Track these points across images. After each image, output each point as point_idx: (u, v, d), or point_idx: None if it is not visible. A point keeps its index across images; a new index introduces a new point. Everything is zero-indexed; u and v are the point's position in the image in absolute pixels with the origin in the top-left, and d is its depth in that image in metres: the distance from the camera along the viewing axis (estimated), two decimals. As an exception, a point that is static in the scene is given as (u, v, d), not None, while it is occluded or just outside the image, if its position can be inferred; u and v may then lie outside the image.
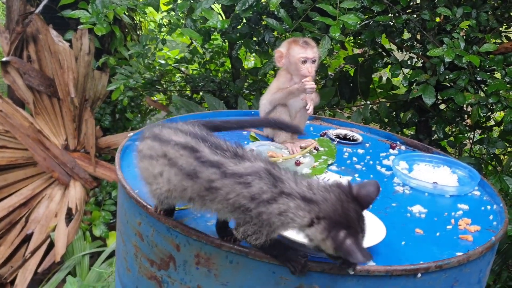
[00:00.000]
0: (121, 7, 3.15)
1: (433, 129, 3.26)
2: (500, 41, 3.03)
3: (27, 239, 3.51)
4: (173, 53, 4.55)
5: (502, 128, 2.98)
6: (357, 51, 4.23)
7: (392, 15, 2.86)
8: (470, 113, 2.86)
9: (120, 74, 3.34)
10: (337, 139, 2.16)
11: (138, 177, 1.41)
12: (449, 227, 1.59)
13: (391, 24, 2.97)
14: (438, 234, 1.54)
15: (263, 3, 2.70)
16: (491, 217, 1.68)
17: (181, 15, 2.70)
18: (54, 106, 3.82)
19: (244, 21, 3.08)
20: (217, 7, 3.30)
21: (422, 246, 1.47)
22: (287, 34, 2.84)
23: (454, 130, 3.28)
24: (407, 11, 3.07)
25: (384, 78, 4.05)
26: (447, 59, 2.62)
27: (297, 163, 1.88)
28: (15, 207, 3.59)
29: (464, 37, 2.82)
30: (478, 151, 3.40)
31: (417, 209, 1.68)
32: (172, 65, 4.12)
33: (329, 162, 1.95)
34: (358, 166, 1.97)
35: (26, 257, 3.35)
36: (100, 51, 3.97)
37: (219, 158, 1.22)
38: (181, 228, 1.34)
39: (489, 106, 2.73)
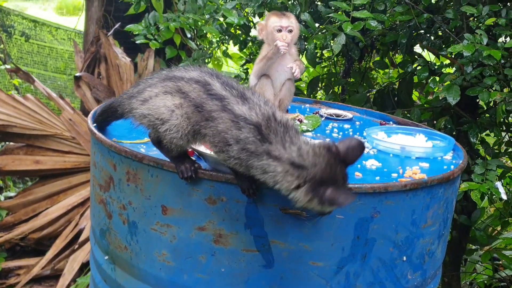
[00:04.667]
0: (174, 24, 3.46)
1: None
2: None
3: (80, 234, 3.82)
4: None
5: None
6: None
7: (415, 15, 2.86)
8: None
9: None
10: (325, 115, 2.20)
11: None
12: (394, 175, 1.57)
13: (417, 26, 2.96)
14: (377, 178, 1.53)
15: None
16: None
17: (206, 16, 2.95)
18: (117, 117, 4.21)
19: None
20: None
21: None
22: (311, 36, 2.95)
23: (490, 135, 3.10)
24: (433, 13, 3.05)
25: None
26: (466, 53, 2.57)
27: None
28: (73, 205, 3.94)
29: (492, 34, 2.75)
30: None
31: (370, 163, 1.66)
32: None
33: (305, 129, 2.00)
34: (335, 135, 1.99)
35: (74, 248, 3.63)
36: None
37: (226, 93, 1.29)
38: (115, 147, 1.49)
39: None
